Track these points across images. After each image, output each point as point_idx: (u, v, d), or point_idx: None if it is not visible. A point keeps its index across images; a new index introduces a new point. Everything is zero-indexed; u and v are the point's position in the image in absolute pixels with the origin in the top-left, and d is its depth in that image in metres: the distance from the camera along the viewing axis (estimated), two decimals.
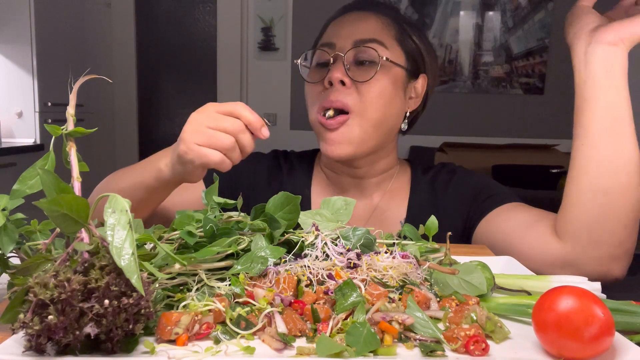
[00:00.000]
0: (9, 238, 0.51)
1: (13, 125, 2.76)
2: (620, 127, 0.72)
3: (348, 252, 0.59)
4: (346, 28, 0.94)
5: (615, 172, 0.72)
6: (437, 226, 0.69)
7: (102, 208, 0.44)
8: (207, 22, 3.70)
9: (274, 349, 0.44)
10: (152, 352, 0.42)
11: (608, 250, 0.73)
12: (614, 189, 0.72)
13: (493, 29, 3.51)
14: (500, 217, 0.90)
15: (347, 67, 0.90)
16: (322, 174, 1.05)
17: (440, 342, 0.45)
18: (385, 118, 0.92)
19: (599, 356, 0.43)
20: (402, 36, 0.95)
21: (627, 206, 0.72)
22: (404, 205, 1.00)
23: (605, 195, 0.72)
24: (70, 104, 0.51)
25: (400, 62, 0.94)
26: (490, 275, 0.56)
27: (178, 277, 0.53)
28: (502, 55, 3.52)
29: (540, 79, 3.49)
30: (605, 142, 0.73)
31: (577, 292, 0.44)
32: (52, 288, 0.39)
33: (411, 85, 0.97)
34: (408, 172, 1.05)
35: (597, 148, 0.73)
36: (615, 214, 0.72)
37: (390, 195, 1.01)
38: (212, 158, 0.71)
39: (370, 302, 0.50)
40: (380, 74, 0.90)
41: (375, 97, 0.90)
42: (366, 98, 0.89)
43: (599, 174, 0.73)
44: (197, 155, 0.71)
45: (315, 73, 0.95)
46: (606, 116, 0.73)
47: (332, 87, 0.90)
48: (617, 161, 0.72)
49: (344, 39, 0.92)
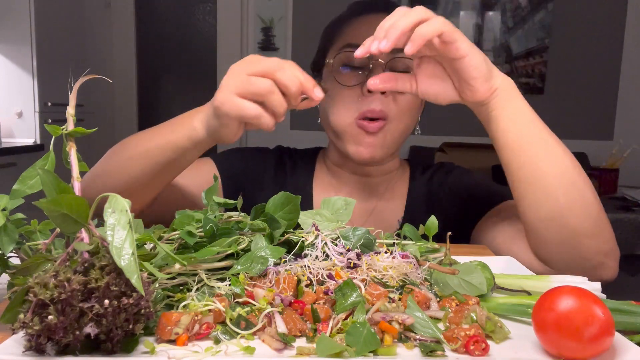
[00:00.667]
0: (9, 238, 0.51)
1: (13, 125, 2.76)
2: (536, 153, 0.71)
3: (348, 252, 0.59)
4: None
5: (556, 199, 0.70)
6: (437, 226, 0.69)
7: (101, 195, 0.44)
8: (207, 22, 3.70)
9: (274, 349, 0.44)
10: (152, 352, 0.42)
11: (587, 262, 0.72)
12: (560, 212, 0.70)
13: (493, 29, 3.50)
14: (491, 220, 0.90)
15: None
16: (324, 172, 1.05)
17: (440, 342, 0.45)
18: (412, 124, 0.94)
19: (599, 356, 0.43)
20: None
21: (585, 221, 0.70)
22: (402, 205, 1.01)
23: (555, 219, 0.71)
24: (70, 104, 0.51)
25: None
26: (490, 275, 0.56)
27: (178, 277, 0.53)
28: (502, 55, 3.52)
29: (540, 79, 3.49)
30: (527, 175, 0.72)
31: (577, 292, 0.44)
32: (52, 288, 0.39)
33: None
34: (407, 172, 1.05)
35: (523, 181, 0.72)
36: (575, 232, 0.70)
37: (389, 195, 1.02)
38: (248, 111, 0.66)
39: (370, 302, 0.50)
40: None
41: (409, 106, 0.90)
42: (402, 107, 0.90)
43: (538, 204, 0.72)
44: (233, 107, 0.67)
45: (347, 76, 0.91)
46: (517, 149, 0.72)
47: (370, 94, 0.88)
48: (550, 187, 0.70)
49: None
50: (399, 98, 0.89)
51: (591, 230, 0.71)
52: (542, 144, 0.72)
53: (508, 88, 0.73)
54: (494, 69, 0.73)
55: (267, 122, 0.68)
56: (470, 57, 0.68)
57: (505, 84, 0.73)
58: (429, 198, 1.00)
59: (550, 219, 0.71)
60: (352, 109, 0.89)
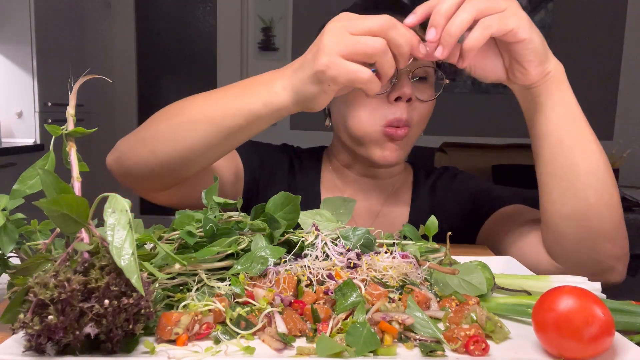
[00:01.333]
0: (9, 238, 0.51)
1: (13, 125, 2.76)
2: (574, 146, 0.69)
3: (348, 252, 0.59)
4: None
5: (585, 198, 0.69)
6: (437, 226, 0.69)
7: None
8: (207, 22, 3.70)
9: (274, 349, 0.44)
10: (152, 352, 0.42)
11: (599, 265, 0.72)
12: (585, 211, 0.69)
13: None
14: (497, 221, 0.90)
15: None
16: (329, 172, 1.04)
17: (440, 342, 0.45)
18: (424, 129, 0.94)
19: (599, 356, 0.43)
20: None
21: (607, 224, 0.69)
22: (406, 210, 1.00)
23: (578, 220, 0.70)
24: (70, 104, 0.51)
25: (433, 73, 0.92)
26: (490, 275, 0.56)
27: (178, 277, 0.53)
28: None
29: None
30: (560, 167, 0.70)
31: (577, 292, 0.44)
32: (52, 288, 0.39)
33: None
34: (411, 174, 1.05)
35: (554, 174, 0.70)
36: (595, 234, 0.70)
37: (393, 199, 1.01)
38: (361, 75, 0.61)
39: (370, 302, 0.50)
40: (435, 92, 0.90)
41: (427, 114, 0.90)
42: (422, 114, 0.89)
43: (564, 200, 0.70)
44: (342, 71, 0.61)
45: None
46: (556, 140, 0.70)
47: (396, 102, 0.85)
48: (581, 183, 0.69)
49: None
50: (419, 107, 0.88)
51: (611, 233, 0.70)
52: (581, 138, 0.69)
53: (559, 74, 0.69)
54: (549, 51, 0.68)
55: (376, 87, 0.63)
56: (528, 41, 0.64)
57: (558, 70, 0.69)
58: (434, 203, 1.00)
59: (573, 218, 0.70)
60: (377, 117, 0.86)
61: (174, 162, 0.75)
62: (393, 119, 0.85)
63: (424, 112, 0.89)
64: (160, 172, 0.76)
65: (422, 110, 0.89)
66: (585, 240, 0.70)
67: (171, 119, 0.76)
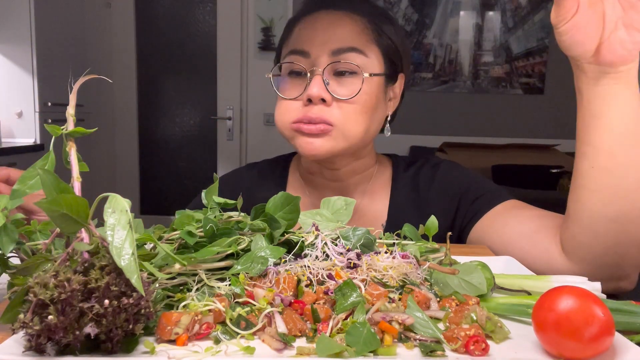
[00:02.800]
0: (9, 238, 0.51)
1: (13, 125, 2.76)
2: (637, 143, 0.64)
3: (348, 252, 0.59)
4: (320, 34, 0.87)
5: (632, 197, 0.65)
6: (437, 226, 0.69)
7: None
8: (207, 22, 3.70)
9: (274, 349, 0.44)
10: (152, 352, 0.42)
11: (619, 271, 0.69)
12: (630, 214, 0.65)
13: (493, 29, 3.51)
14: (497, 220, 0.86)
15: (327, 82, 0.85)
16: (297, 177, 1.02)
17: (440, 342, 0.45)
18: (367, 130, 0.89)
19: (599, 356, 0.43)
20: (380, 37, 0.89)
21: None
22: (385, 206, 0.96)
23: (621, 223, 0.65)
24: (70, 104, 0.51)
25: (380, 69, 0.88)
26: (490, 275, 0.56)
27: (178, 277, 0.53)
28: (502, 55, 3.53)
29: (540, 79, 3.49)
30: (620, 164, 0.65)
31: (577, 292, 0.44)
32: (52, 288, 0.39)
33: (390, 88, 0.93)
34: (389, 169, 1.00)
35: (611, 170, 0.65)
36: (631, 240, 0.66)
37: (370, 196, 0.97)
38: None
39: (370, 302, 0.50)
40: (362, 89, 0.85)
41: (358, 114, 0.86)
42: (349, 114, 0.85)
43: (612, 200, 0.65)
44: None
45: (290, 85, 0.89)
46: (621, 134, 0.64)
47: (311, 103, 0.85)
48: (635, 184, 0.64)
49: (319, 47, 0.86)
50: (344, 105, 0.85)
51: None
52: None
53: (638, 65, 0.63)
54: None
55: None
56: None
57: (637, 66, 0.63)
58: (416, 196, 0.95)
59: (616, 220, 0.66)
60: (289, 116, 0.88)
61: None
62: (302, 117, 0.85)
63: (354, 112, 0.85)
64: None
65: (350, 111, 0.85)
66: (619, 245, 0.67)
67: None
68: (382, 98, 0.91)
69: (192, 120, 3.75)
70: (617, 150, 0.65)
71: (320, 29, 0.87)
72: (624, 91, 0.63)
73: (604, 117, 0.65)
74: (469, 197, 0.91)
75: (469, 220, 0.90)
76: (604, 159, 0.66)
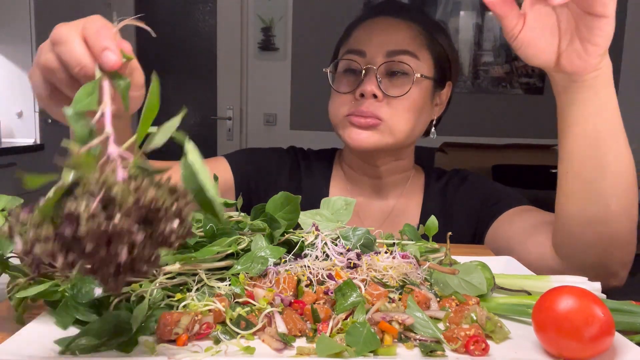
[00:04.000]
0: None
1: (13, 125, 2.76)
2: (609, 149, 0.65)
3: (348, 252, 0.59)
4: (377, 36, 0.94)
5: (608, 204, 0.66)
6: (437, 226, 0.69)
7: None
8: (207, 22, 3.70)
9: (274, 349, 0.44)
10: (152, 352, 0.42)
11: (605, 269, 0.71)
12: (604, 218, 0.67)
13: (493, 29, 3.50)
14: (506, 221, 0.90)
15: (380, 80, 0.91)
16: (340, 173, 1.06)
17: (440, 342, 0.45)
18: (413, 129, 0.94)
19: (599, 356, 0.43)
20: (432, 44, 0.96)
21: (623, 231, 0.68)
22: (417, 210, 1.02)
23: (596, 226, 0.68)
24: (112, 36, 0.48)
25: (430, 73, 0.95)
26: (490, 275, 0.56)
27: (178, 277, 0.53)
28: (502, 55, 3.52)
29: (540, 79, 3.49)
30: (592, 169, 0.66)
31: (577, 292, 0.44)
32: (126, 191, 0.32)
33: (437, 94, 0.99)
34: (422, 176, 1.06)
35: (584, 176, 0.67)
36: (610, 240, 0.68)
37: (405, 198, 1.03)
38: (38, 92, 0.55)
39: (370, 302, 0.50)
40: (412, 89, 0.91)
41: (406, 111, 0.92)
42: (398, 111, 0.91)
43: (586, 204, 0.68)
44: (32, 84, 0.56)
45: (344, 81, 0.95)
46: (592, 141, 0.65)
47: (363, 98, 0.91)
48: (608, 189, 0.66)
49: (376, 48, 0.92)
50: (394, 103, 0.91)
51: (625, 240, 0.69)
52: (617, 141, 0.66)
53: (609, 71, 0.64)
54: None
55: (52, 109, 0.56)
56: (608, 21, 0.58)
57: (609, 66, 0.64)
58: (444, 205, 1.01)
59: (591, 222, 0.68)
60: (344, 109, 0.93)
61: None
62: (354, 110, 0.91)
63: (403, 110, 0.91)
64: None
65: (400, 109, 0.91)
66: (598, 246, 0.69)
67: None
68: (429, 101, 0.96)
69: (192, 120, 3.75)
70: (589, 156, 0.66)
71: (378, 32, 0.95)
72: (592, 99, 0.64)
73: (575, 125, 0.66)
74: (488, 203, 0.96)
75: (486, 223, 0.95)
76: (577, 165, 0.68)
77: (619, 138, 0.66)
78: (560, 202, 0.72)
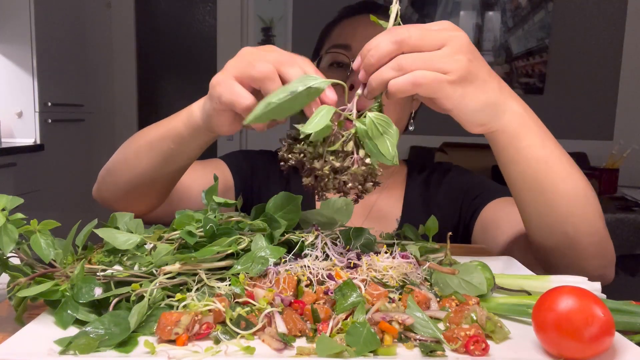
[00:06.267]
0: (9, 238, 0.51)
1: (13, 125, 2.76)
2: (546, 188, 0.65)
3: (348, 252, 0.59)
4: (362, 30, 0.94)
5: (562, 231, 0.67)
6: (437, 226, 0.69)
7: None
8: (207, 22, 3.70)
9: (274, 349, 0.44)
10: (152, 352, 0.42)
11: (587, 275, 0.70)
12: (569, 243, 0.68)
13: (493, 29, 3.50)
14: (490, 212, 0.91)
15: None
16: None
17: (440, 342, 0.45)
18: (398, 122, 0.94)
19: (599, 356, 0.43)
20: None
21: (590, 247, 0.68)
22: (399, 203, 1.02)
23: (565, 249, 0.69)
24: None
25: None
26: (490, 275, 0.56)
27: (178, 277, 0.53)
28: (502, 55, 3.52)
29: (540, 79, 3.49)
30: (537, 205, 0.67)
31: (577, 292, 0.44)
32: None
33: None
34: (404, 170, 1.07)
35: (531, 211, 0.69)
36: (581, 256, 0.69)
37: (387, 193, 1.03)
38: (240, 100, 0.59)
39: (370, 302, 0.50)
40: None
41: (393, 104, 0.91)
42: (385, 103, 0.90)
43: (547, 233, 0.69)
44: (227, 91, 0.60)
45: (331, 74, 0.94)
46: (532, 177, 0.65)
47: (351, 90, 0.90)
48: (559, 220, 0.67)
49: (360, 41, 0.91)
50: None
51: (596, 253, 0.70)
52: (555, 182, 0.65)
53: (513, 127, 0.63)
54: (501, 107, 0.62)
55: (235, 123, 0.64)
56: (457, 110, 0.59)
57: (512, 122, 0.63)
58: (426, 196, 1.02)
59: (556, 248, 0.70)
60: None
61: (136, 190, 0.80)
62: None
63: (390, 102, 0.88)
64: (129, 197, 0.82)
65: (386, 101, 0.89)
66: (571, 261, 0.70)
67: (126, 149, 0.82)
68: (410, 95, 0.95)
69: None
70: (525, 195, 0.68)
71: (362, 27, 0.96)
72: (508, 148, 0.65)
73: (504, 166, 0.68)
74: (470, 196, 0.97)
75: (470, 217, 0.95)
76: (521, 204, 0.70)
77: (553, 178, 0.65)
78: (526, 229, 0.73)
